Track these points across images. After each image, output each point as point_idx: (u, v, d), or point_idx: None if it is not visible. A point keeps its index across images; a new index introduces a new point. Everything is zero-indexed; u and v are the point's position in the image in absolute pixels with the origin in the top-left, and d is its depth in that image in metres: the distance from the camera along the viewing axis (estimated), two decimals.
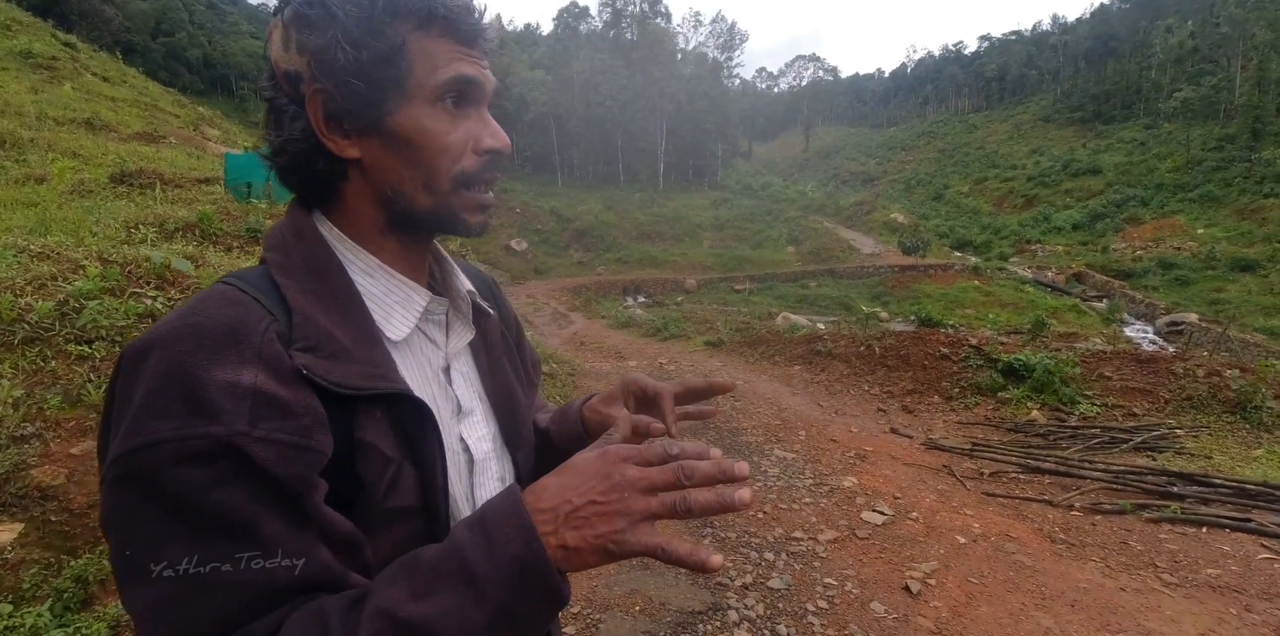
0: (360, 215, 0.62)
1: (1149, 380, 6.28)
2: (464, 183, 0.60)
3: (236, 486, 0.46)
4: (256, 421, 0.47)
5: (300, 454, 0.48)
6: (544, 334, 13.00)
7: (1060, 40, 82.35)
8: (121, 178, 6.40)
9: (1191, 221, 36.73)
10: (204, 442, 0.45)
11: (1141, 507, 3.99)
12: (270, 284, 0.56)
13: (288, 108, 0.58)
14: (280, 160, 0.60)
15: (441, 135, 0.58)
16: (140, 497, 0.45)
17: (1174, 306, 24.00)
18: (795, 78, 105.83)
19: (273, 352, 0.50)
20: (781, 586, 2.97)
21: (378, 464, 0.54)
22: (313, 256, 0.59)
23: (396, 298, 0.62)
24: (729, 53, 62.46)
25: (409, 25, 0.56)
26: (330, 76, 0.55)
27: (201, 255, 4.18)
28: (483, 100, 0.62)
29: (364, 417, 0.54)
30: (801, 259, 32.73)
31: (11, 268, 3.21)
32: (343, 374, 0.53)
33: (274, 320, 0.53)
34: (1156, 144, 50.49)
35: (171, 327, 0.50)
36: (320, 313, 0.56)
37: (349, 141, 0.58)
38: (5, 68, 13.84)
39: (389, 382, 0.56)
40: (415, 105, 0.57)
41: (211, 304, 0.52)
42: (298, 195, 0.63)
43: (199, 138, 12.26)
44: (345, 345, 0.55)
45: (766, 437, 5.25)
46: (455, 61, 0.58)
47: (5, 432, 2.32)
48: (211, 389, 0.46)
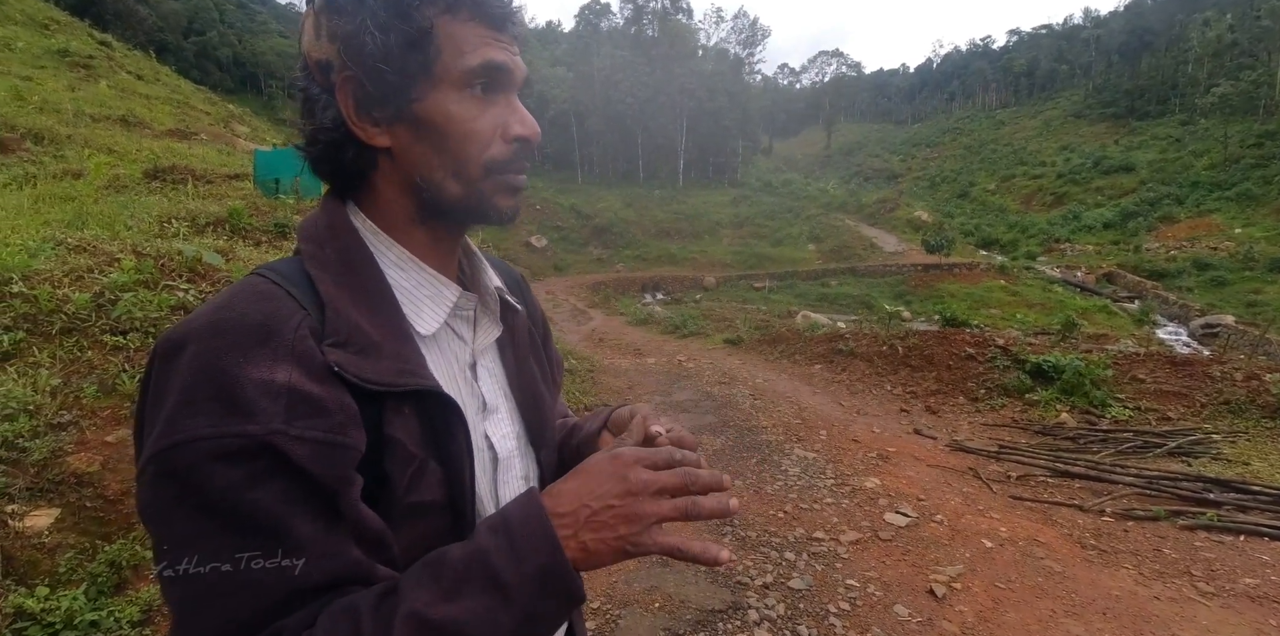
0: (391, 204, 0.61)
1: (1184, 383, 6.11)
2: (494, 169, 0.60)
3: (272, 485, 0.46)
4: (292, 419, 0.47)
5: (336, 451, 0.49)
6: (563, 330, 13.04)
7: (1092, 34, 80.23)
8: (155, 173, 6.54)
9: (1229, 220, 35.61)
10: (241, 441, 0.45)
11: (1176, 514, 3.88)
12: (304, 276, 0.56)
13: (320, 97, 0.58)
14: (313, 150, 0.60)
15: (469, 121, 0.58)
16: (176, 494, 0.46)
17: (1209, 308, 23.30)
18: (818, 74, 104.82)
19: (305, 349, 0.50)
20: (803, 587, 2.94)
21: (402, 460, 0.54)
22: (346, 249, 0.59)
23: (427, 291, 0.62)
24: (750, 49, 62.06)
25: (437, 8, 0.56)
26: (359, 62, 0.55)
27: (231, 249, 4.26)
28: (512, 87, 0.61)
29: (392, 413, 0.54)
30: (822, 257, 32.43)
31: (50, 260, 3.29)
32: (373, 370, 0.53)
33: (306, 314, 0.53)
34: (1192, 140, 48.99)
35: (205, 322, 0.50)
36: (352, 306, 0.55)
37: (378, 129, 0.58)
38: (44, 66, 14.23)
39: (419, 379, 0.55)
40: (443, 91, 0.57)
41: (245, 297, 0.53)
42: (330, 185, 0.63)
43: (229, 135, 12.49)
44: (375, 340, 0.55)
45: (787, 436, 5.20)
46: (484, 47, 0.57)
47: (43, 420, 2.38)
48: (247, 387, 0.47)
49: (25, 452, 2.23)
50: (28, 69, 13.01)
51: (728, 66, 54.91)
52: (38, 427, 2.34)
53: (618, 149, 50.28)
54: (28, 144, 7.21)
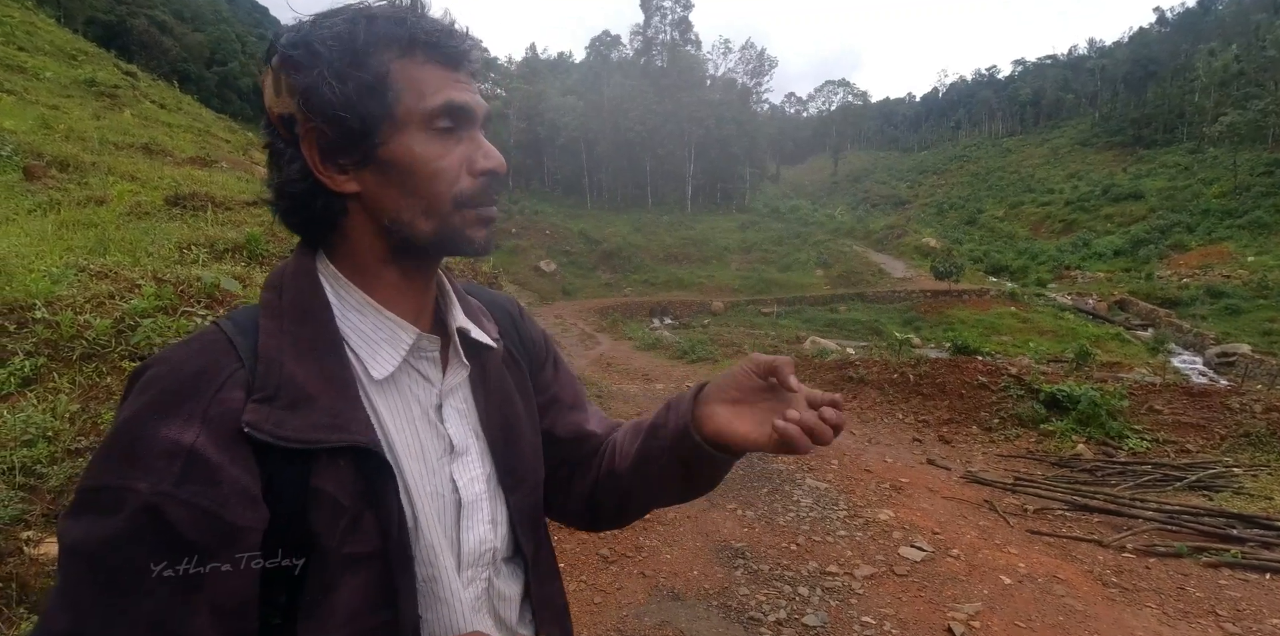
0: (361, 247, 0.62)
1: (1202, 415, 6.01)
2: (463, 203, 0.60)
3: (141, 542, 0.48)
4: (182, 483, 0.49)
5: (214, 522, 0.50)
6: (571, 355, 13.04)
7: (1098, 64, 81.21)
8: (176, 200, 6.67)
9: (1241, 248, 35.42)
10: (128, 495, 0.48)
11: (1199, 551, 3.78)
12: (255, 325, 0.58)
13: (284, 150, 0.59)
14: (282, 203, 0.61)
15: (435, 159, 0.59)
16: (65, 530, 0.50)
17: (1224, 337, 22.99)
18: (825, 102, 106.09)
19: (219, 413, 0.52)
20: (817, 623, 2.87)
21: (328, 511, 0.55)
22: (301, 296, 0.60)
23: (384, 335, 0.62)
24: (758, 78, 63.01)
25: (392, 53, 0.57)
26: (320, 113, 0.56)
27: (248, 275, 4.32)
28: (475, 124, 0.62)
29: (323, 465, 0.55)
30: (830, 282, 32.41)
31: (73, 286, 3.35)
32: (296, 426, 0.54)
33: (240, 367, 0.55)
34: (1202, 169, 49.09)
35: (151, 374, 0.54)
36: (291, 357, 0.56)
37: (345, 176, 0.59)
38: (70, 95, 14.68)
39: (345, 434, 0.56)
40: (407, 133, 0.58)
41: (190, 349, 0.56)
42: (301, 237, 0.64)
43: (248, 162, 12.76)
44: (309, 393, 0.55)
45: (797, 465, 5.14)
46: (444, 88, 0.58)
47: (61, 446, 2.40)
48: (154, 444, 0.50)
49: (43, 479, 2.24)
50: (55, 98, 13.43)
51: (735, 95, 55.76)
52: (55, 454, 2.35)
53: (626, 175, 50.94)
54: (53, 171, 7.40)
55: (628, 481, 0.75)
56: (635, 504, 0.78)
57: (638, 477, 0.74)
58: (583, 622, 2.81)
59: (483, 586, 0.68)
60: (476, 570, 0.66)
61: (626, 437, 0.77)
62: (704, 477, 0.71)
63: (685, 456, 0.68)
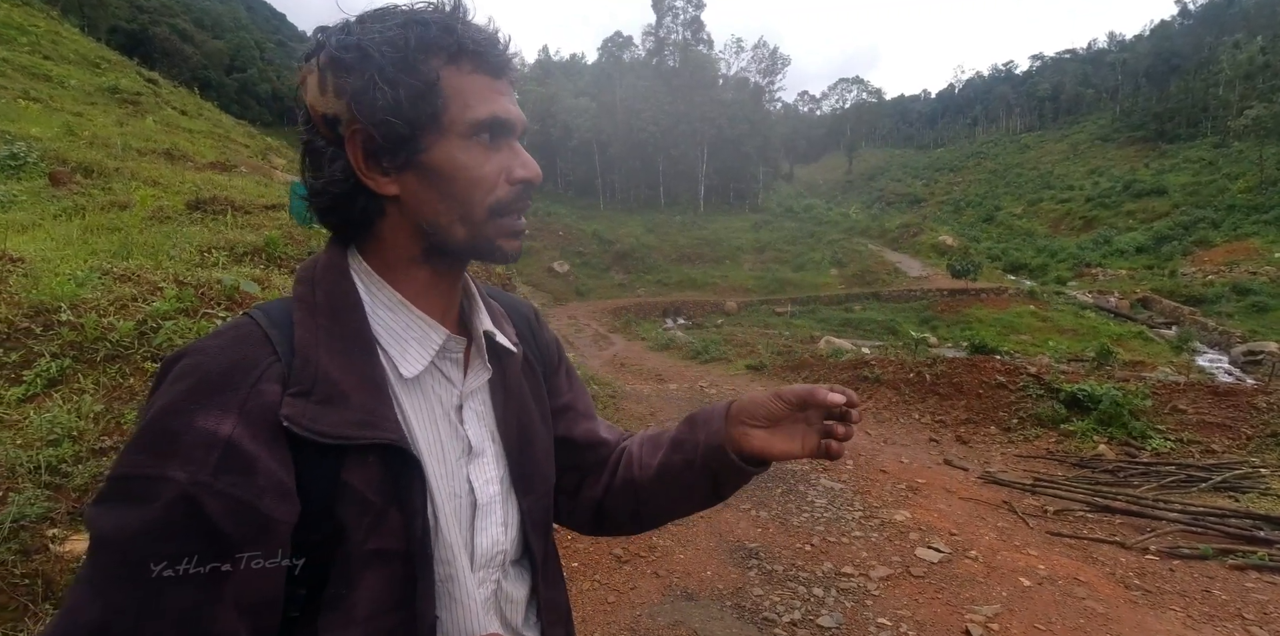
0: (395, 247, 0.63)
1: (1228, 414, 5.89)
2: (498, 211, 0.62)
3: (176, 533, 0.48)
4: (219, 473, 0.49)
5: (250, 514, 0.50)
6: (585, 355, 13.07)
7: (1118, 58, 79.81)
8: (196, 204, 6.78)
9: (1268, 244, 34.57)
10: (164, 485, 0.48)
11: (1224, 553, 3.70)
12: (290, 319, 0.59)
13: (325, 149, 0.60)
14: (321, 201, 0.62)
15: (476, 167, 0.60)
16: (96, 518, 0.49)
17: (1251, 335, 22.48)
18: (838, 100, 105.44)
19: (257, 405, 0.52)
20: (832, 625, 2.85)
21: (356, 506, 0.55)
22: (335, 291, 0.60)
23: (414, 334, 0.63)
24: (771, 77, 62.59)
25: (440, 60, 0.58)
26: (369, 116, 0.56)
27: (267, 277, 4.38)
28: (514, 134, 0.63)
29: (353, 461, 0.56)
30: (845, 282, 32.15)
31: (97, 289, 3.43)
32: (331, 421, 0.54)
33: (276, 360, 0.56)
34: (1226, 163, 47.97)
35: (187, 363, 0.54)
36: (325, 353, 0.57)
37: (388, 179, 0.60)
38: (94, 102, 14.99)
39: (377, 431, 0.56)
40: (450, 140, 0.59)
41: (225, 340, 0.56)
42: (336, 234, 0.65)
43: (267, 167, 12.95)
44: (343, 389, 0.56)
45: (812, 465, 5.11)
46: (489, 100, 0.60)
47: (85, 446, 2.45)
48: (190, 434, 0.50)
49: (68, 477, 2.29)
50: (80, 105, 13.72)
51: (748, 94, 55.54)
52: (80, 453, 2.40)
53: (639, 176, 50.95)
54: (78, 177, 7.57)
55: (648, 491, 0.78)
56: (651, 512, 0.81)
57: (660, 488, 0.77)
58: (596, 622, 2.82)
59: (492, 588, 0.68)
60: (488, 572, 0.67)
61: (645, 449, 0.80)
62: (730, 488, 0.75)
63: (716, 470, 0.72)
